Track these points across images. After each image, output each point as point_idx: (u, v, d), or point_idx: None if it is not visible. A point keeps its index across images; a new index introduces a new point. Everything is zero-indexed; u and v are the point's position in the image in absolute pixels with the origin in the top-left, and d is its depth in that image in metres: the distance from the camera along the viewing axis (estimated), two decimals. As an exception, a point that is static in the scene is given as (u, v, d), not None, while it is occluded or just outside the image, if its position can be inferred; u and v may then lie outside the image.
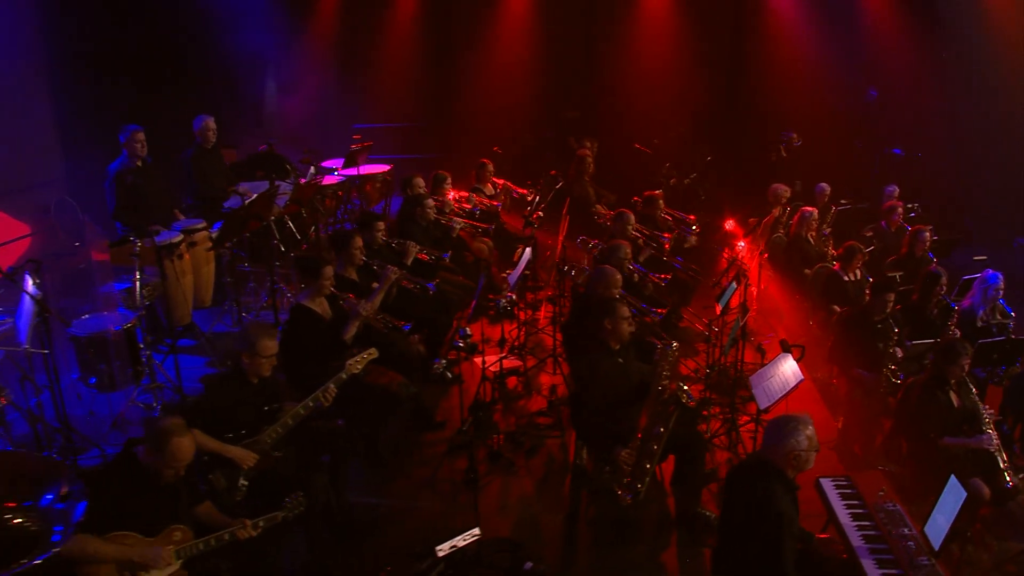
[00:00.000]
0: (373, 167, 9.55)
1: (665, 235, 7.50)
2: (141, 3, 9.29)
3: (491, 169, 8.86)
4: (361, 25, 11.60)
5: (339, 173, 9.01)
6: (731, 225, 8.64)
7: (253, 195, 7.16)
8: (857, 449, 5.71)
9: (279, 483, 4.29)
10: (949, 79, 10.29)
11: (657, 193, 8.13)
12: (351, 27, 11.57)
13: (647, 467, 4.55)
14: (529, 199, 8.64)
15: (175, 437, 3.62)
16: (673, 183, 10.24)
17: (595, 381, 4.84)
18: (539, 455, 5.64)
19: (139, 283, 5.83)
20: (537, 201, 8.37)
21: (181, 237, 6.55)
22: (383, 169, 9.64)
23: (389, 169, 9.71)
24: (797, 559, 3.61)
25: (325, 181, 8.77)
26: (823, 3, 10.87)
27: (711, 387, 6.21)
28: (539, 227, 8.11)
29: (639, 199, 8.12)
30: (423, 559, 4.36)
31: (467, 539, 3.80)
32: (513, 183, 9.07)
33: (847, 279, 6.91)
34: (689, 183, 10.49)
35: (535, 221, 8.08)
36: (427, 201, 7.23)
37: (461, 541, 3.78)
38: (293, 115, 11.52)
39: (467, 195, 8.52)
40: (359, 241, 5.97)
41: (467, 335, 5.70)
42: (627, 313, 4.97)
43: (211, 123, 7.58)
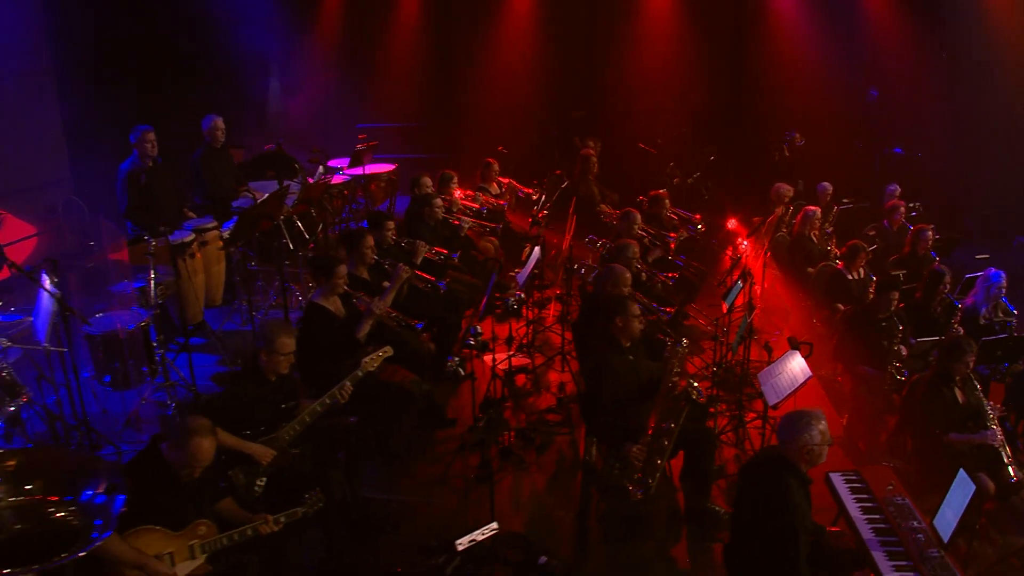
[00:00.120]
0: (378, 166, 9.60)
1: (671, 234, 7.56)
2: (147, 4, 9.33)
3: (496, 168, 8.92)
4: (365, 25, 11.63)
5: (344, 172, 9.06)
6: (733, 224, 8.70)
7: (263, 195, 7.21)
8: (861, 445, 5.77)
9: (296, 480, 4.34)
10: (949, 79, 10.36)
11: (663, 193, 8.19)
12: (355, 27, 11.61)
13: (658, 462, 4.62)
14: (535, 198, 8.70)
15: (197, 437, 3.67)
16: (677, 182, 10.29)
17: (606, 378, 4.90)
18: (549, 452, 5.70)
19: (153, 282, 5.88)
20: (543, 200, 8.42)
21: (193, 236, 6.60)
22: (388, 168, 9.69)
23: (394, 168, 9.76)
24: (809, 552, 3.68)
25: (332, 181, 8.82)
26: (824, 3, 10.92)
27: (718, 384, 6.28)
28: (545, 226, 8.17)
29: (645, 199, 8.18)
30: (439, 554, 4.44)
31: (485, 533, 3.85)
32: (518, 182, 9.13)
33: (851, 277, 6.96)
34: (692, 182, 10.55)
35: (542, 220, 8.13)
36: (435, 200, 7.27)
37: (480, 535, 3.83)
38: (297, 115, 11.57)
39: (473, 194, 8.57)
40: (370, 240, 6.01)
41: (478, 333, 5.76)
42: (638, 311, 5.05)
43: (220, 123, 7.61)
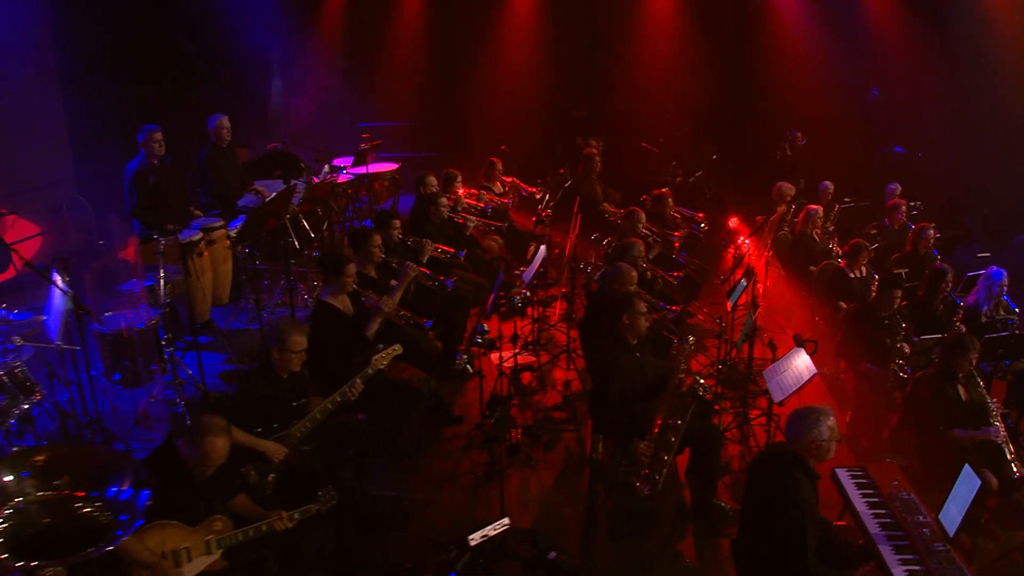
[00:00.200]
0: (381, 165, 9.64)
1: (675, 233, 7.60)
2: (151, 5, 9.34)
3: (500, 168, 8.95)
4: (368, 24, 11.65)
5: (348, 171, 9.09)
6: (735, 223, 8.75)
7: (270, 194, 7.24)
8: (864, 442, 5.82)
9: (307, 477, 4.39)
10: (949, 79, 10.41)
11: (666, 191, 8.24)
12: (358, 26, 11.63)
13: (665, 459, 4.68)
14: (538, 197, 8.73)
15: (211, 435, 3.70)
16: (679, 181, 10.34)
17: (614, 376, 4.95)
18: (556, 449, 5.75)
19: (163, 280, 5.91)
20: (547, 199, 8.45)
21: (200, 235, 6.62)
22: (391, 167, 9.73)
23: (397, 168, 9.81)
24: (817, 545, 3.72)
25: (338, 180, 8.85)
26: (825, 3, 10.97)
27: (722, 382, 6.33)
28: (550, 225, 8.21)
29: (648, 197, 8.22)
30: (449, 550, 4.48)
31: (497, 529, 3.89)
32: (521, 181, 9.17)
33: (853, 276, 7.00)
34: (694, 181, 10.59)
35: (546, 219, 8.17)
36: (441, 199, 7.30)
37: (492, 531, 3.87)
38: (300, 114, 11.59)
39: (477, 193, 8.61)
40: (378, 239, 6.05)
41: (484, 331, 5.80)
42: (644, 308, 5.10)
43: (225, 122, 7.60)
